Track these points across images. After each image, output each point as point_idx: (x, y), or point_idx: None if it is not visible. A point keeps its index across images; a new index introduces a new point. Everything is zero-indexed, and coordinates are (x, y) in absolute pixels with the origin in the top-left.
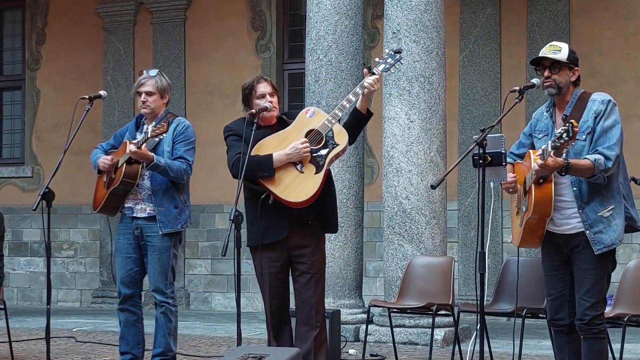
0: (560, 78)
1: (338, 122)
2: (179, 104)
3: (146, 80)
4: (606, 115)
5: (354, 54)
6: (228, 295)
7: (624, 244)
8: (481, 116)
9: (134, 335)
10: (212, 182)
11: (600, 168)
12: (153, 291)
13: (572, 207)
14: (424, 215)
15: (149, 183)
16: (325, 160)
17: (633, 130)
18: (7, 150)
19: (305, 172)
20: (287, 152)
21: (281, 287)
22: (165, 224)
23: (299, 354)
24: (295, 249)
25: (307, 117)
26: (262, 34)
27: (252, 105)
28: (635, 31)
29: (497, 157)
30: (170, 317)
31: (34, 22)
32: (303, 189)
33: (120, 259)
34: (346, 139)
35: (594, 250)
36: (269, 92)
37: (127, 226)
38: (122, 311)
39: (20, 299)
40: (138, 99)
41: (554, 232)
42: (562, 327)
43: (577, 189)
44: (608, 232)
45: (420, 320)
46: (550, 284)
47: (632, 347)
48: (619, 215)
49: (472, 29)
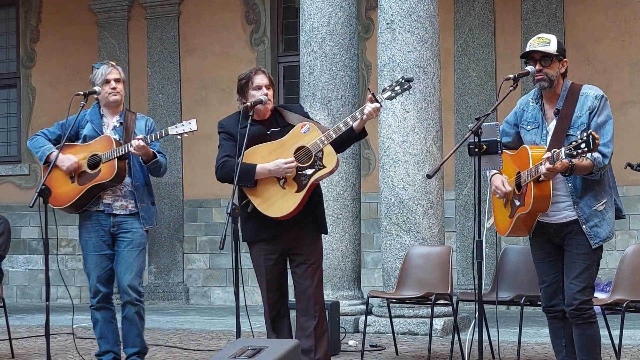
0: (551, 71)
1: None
2: (174, 98)
3: (112, 68)
4: (599, 111)
5: (348, 45)
6: (227, 289)
7: (621, 231)
8: (477, 105)
9: (112, 332)
10: (209, 177)
11: (598, 166)
12: (128, 288)
13: (565, 201)
14: (421, 205)
15: (129, 179)
16: (309, 181)
17: (628, 116)
18: (4, 148)
19: (287, 188)
20: (270, 167)
21: (278, 279)
22: (147, 220)
23: (298, 346)
24: (291, 241)
25: (301, 132)
26: (257, 27)
27: (247, 96)
28: (629, 17)
29: (492, 146)
30: (143, 316)
31: (28, 19)
32: (281, 206)
33: (94, 256)
34: (334, 163)
35: (591, 244)
36: (266, 84)
37: (99, 223)
38: (99, 310)
39: (19, 296)
40: (104, 87)
41: (546, 222)
42: (556, 312)
43: (572, 184)
44: (603, 226)
45: (419, 310)
46: (544, 271)
47: (631, 333)
48: (611, 208)
49: (467, 18)
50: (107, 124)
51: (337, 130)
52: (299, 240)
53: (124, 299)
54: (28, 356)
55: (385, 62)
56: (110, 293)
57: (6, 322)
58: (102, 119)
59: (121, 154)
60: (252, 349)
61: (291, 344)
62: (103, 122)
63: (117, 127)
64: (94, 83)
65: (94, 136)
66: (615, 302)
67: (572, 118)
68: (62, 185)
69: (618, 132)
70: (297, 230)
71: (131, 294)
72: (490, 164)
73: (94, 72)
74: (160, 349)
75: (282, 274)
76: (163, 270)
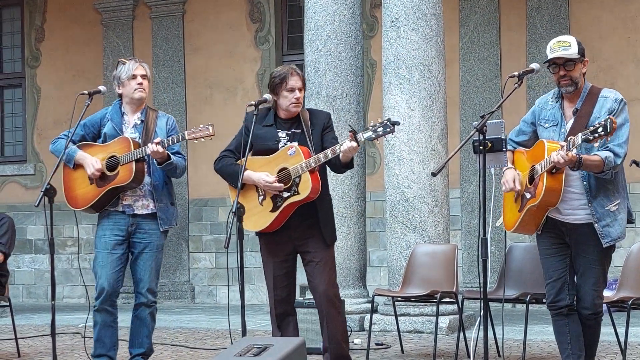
0: (575, 74)
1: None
2: (179, 97)
3: (138, 64)
4: (618, 113)
5: (352, 43)
6: (233, 288)
7: (627, 228)
8: (482, 103)
9: (110, 337)
10: (215, 176)
11: (610, 165)
12: (147, 292)
13: (580, 199)
14: (426, 203)
15: (148, 178)
16: (282, 204)
17: (634, 113)
18: (10, 148)
19: (264, 205)
20: (254, 177)
21: (285, 276)
22: (165, 220)
23: (303, 344)
24: (300, 239)
25: (287, 153)
26: (261, 25)
27: (279, 94)
28: (634, 14)
29: (497, 143)
30: (155, 317)
31: (33, 19)
32: (256, 221)
33: (104, 254)
34: (307, 192)
35: (602, 243)
36: (299, 86)
37: (117, 222)
38: (100, 312)
39: (25, 296)
40: (130, 82)
41: (559, 219)
42: (562, 308)
43: (587, 183)
44: (614, 226)
45: (424, 308)
46: (551, 266)
47: (637, 330)
48: (623, 210)
49: (471, 15)
50: (128, 122)
51: (317, 160)
52: (306, 238)
53: (139, 300)
54: (34, 355)
55: (390, 60)
56: (115, 295)
57: (12, 321)
58: (123, 117)
59: (139, 157)
60: (257, 347)
61: (297, 342)
62: (124, 121)
63: (137, 125)
64: (120, 79)
65: (114, 135)
66: (621, 300)
67: (589, 118)
68: (80, 187)
69: None
70: (305, 229)
71: (148, 296)
72: (495, 162)
73: (120, 68)
74: (166, 348)
75: (290, 272)
76: (169, 269)
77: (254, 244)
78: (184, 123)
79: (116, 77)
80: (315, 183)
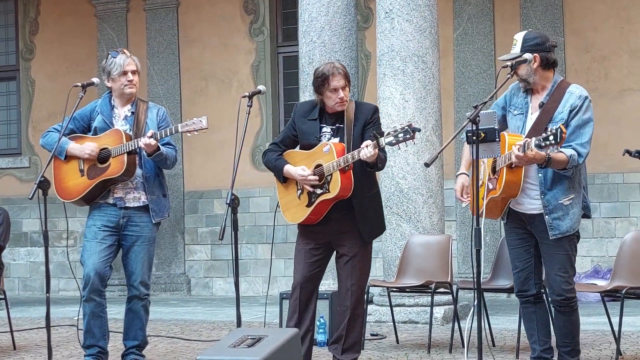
0: (521, 71)
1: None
2: (174, 90)
3: (129, 59)
4: (582, 111)
5: (347, 35)
6: (229, 280)
7: (621, 218)
8: (476, 94)
9: (100, 327)
10: (210, 168)
11: (573, 164)
12: (139, 284)
13: (536, 189)
14: (421, 194)
15: (140, 170)
16: (316, 200)
17: (627, 104)
18: (4, 141)
19: (301, 199)
20: (292, 172)
21: (312, 265)
22: (157, 212)
23: (297, 335)
24: (336, 233)
25: (322, 150)
26: (255, 17)
27: (323, 94)
28: (627, 4)
29: (490, 133)
30: (148, 310)
31: (27, 12)
32: (294, 214)
33: (93, 244)
34: (336, 191)
35: (549, 235)
36: (342, 85)
37: (108, 214)
38: (88, 301)
39: (21, 289)
40: (120, 78)
41: (518, 210)
42: (529, 297)
43: (542, 175)
44: (565, 220)
45: (419, 298)
46: (516, 256)
47: (631, 319)
48: (577, 205)
49: (466, 6)
50: (118, 114)
51: (345, 160)
52: (342, 232)
53: (132, 293)
54: (30, 348)
55: (384, 51)
56: (103, 284)
57: (7, 314)
58: (113, 110)
59: (131, 149)
60: (251, 339)
61: (290, 333)
62: (114, 114)
63: (128, 117)
64: (110, 72)
65: (104, 128)
66: (614, 289)
67: (554, 113)
68: (71, 179)
69: (617, 119)
70: (342, 224)
71: (141, 289)
72: (489, 152)
73: (110, 61)
74: (161, 340)
75: (319, 263)
76: (164, 261)
77: (249, 236)
78: (179, 115)
79: (106, 71)
80: (346, 182)
